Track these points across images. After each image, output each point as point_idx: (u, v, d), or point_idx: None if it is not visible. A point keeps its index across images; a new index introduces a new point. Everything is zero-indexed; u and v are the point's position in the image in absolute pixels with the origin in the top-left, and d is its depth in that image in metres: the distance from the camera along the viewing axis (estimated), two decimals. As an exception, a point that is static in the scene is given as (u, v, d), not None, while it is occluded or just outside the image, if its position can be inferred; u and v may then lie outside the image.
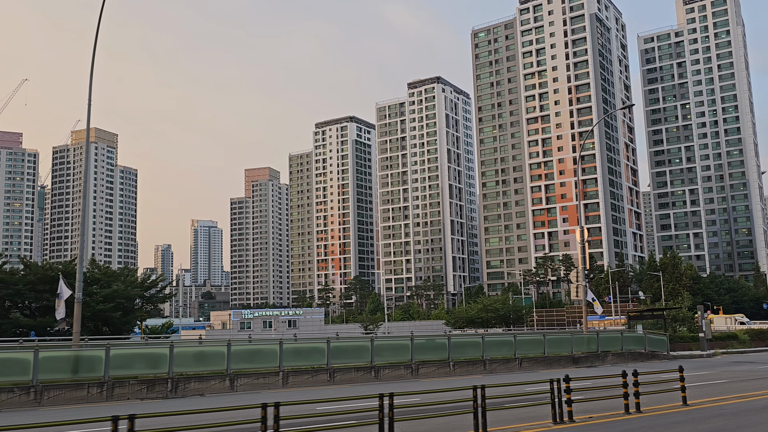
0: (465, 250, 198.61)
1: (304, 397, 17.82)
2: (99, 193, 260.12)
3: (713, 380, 22.89)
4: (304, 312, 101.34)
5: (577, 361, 31.60)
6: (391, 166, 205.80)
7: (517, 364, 28.92)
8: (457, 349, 26.55)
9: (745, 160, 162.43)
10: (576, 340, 32.19)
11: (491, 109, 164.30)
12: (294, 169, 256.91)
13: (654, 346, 36.11)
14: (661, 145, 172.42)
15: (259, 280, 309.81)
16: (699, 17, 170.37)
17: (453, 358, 26.69)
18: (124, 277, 49.86)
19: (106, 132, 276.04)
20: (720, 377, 24.06)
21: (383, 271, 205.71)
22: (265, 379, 23.98)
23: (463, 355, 27.10)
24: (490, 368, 27.77)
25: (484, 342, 27.73)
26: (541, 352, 30.25)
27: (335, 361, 24.45)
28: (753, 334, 52.32)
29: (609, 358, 33.31)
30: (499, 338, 30.09)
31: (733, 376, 24.21)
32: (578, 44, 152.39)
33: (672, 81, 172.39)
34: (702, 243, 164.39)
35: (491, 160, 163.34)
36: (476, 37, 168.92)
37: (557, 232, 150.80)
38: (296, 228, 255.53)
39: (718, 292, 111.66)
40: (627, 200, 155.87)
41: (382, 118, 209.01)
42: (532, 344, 29.93)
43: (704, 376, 24.62)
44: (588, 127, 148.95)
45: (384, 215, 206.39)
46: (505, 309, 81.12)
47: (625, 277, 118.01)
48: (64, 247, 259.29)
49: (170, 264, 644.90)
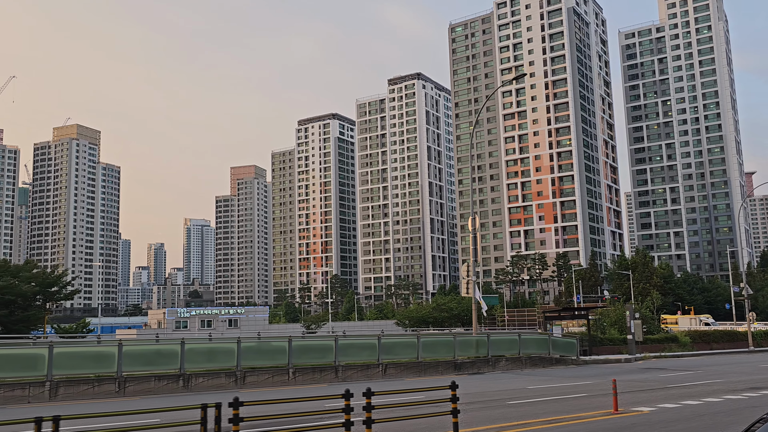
0: (446, 249, 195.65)
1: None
2: (80, 191, 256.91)
3: (558, 395, 19.79)
4: (246, 311, 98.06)
5: (459, 368, 28.47)
6: (371, 163, 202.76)
7: (380, 371, 25.81)
8: (299, 353, 23.55)
9: (726, 158, 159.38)
10: (462, 343, 29.06)
11: (468, 105, 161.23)
12: (276, 166, 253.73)
13: (561, 350, 33.01)
14: (642, 142, 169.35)
15: (244, 278, 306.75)
16: (680, 12, 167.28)
17: (294, 364, 23.60)
18: (22, 272, 46.62)
19: (88, 129, 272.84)
20: (576, 391, 20.95)
21: (362, 270, 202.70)
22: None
23: (311, 361, 24.04)
24: (344, 375, 24.69)
25: (337, 345, 24.62)
26: (414, 357, 27.12)
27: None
28: (697, 336, 49.25)
29: (502, 364, 30.17)
30: (360, 341, 26.93)
31: (601, 389, 21.10)
32: (555, 39, 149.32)
33: (653, 77, 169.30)
34: (683, 242, 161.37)
35: (468, 157, 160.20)
36: (453, 31, 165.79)
37: (533, 230, 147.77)
38: (278, 226, 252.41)
39: (690, 292, 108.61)
40: (606, 198, 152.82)
41: (363, 115, 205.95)
42: (403, 347, 26.82)
43: (555, 389, 21.49)
44: (565, 123, 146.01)
45: (364, 213, 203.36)
46: (460, 308, 77.90)
47: (596, 276, 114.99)
48: (44, 245, 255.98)
49: (163, 263, 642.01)
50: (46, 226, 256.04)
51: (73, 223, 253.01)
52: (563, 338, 33.52)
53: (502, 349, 30.58)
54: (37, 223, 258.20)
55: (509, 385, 22.27)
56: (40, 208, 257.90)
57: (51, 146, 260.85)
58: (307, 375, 23.76)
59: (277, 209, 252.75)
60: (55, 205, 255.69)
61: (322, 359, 24.65)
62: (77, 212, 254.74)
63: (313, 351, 25.33)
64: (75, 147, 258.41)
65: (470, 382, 23.83)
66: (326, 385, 23.06)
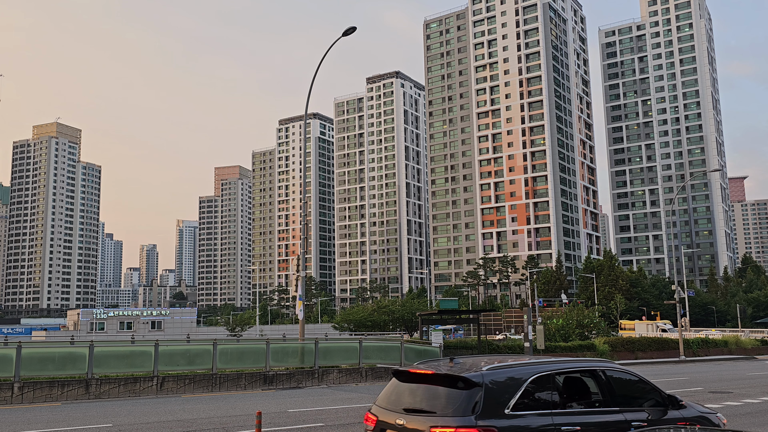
0: (423, 251, 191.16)
1: None
2: (59, 189, 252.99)
3: (308, 423, 15.44)
4: (172, 312, 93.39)
5: (271, 381, 24.04)
6: (349, 163, 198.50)
7: (154, 385, 21.39)
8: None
9: (707, 159, 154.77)
10: (278, 351, 24.62)
11: (442, 103, 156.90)
12: (257, 167, 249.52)
13: (417, 360, 28.58)
14: (621, 143, 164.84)
15: (227, 280, 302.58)
16: (662, 10, 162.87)
17: (22, 377, 19.28)
18: None
19: (68, 127, 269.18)
20: (344, 416, 16.56)
21: (338, 272, 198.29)
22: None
23: (43, 374, 19.75)
24: (99, 392, 20.28)
25: (92, 354, 20.23)
26: (208, 368, 22.70)
27: None
28: (619, 343, 44.67)
29: (332, 377, 25.72)
30: (125, 349, 22.49)
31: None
32: (530, 35, 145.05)
33: (633, 76, 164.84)
34: (662, 246, 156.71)
35: (441, 157, 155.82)
36: (428, 27, 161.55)
37: (506, 232, 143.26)
38: (258, 227, 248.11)
39: (658, 296, 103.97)
40: (582, 199, 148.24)
41: (341, 114, 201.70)
42: (193, 356, 22.43)
43: (325, 413, 17.11)
44: (539, 122, 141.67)
45: (341, 214, 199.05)
46: (402, 311, 73.43)
47: (562, 279, 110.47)
48: (23, 244, 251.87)
49: (155, 264, 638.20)
50: (24, 225, 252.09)
51: (51, 222, 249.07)
52: (419, 346, 29.07)
53: (336, 358, 26.19)
54: (15, 222, 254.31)
55: (269, 407, 17.88)
56: (19, 206, 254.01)
57: (30, 144, 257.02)
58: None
59: (257, 210, 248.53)
60: (34, 203, 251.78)
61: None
62: (55, 211, 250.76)
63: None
64: (54, 145, 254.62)
65: (231, 402, 19.41)
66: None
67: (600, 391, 7.57)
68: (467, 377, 6.78)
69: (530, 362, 7.40)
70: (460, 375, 6.82)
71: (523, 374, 7.04)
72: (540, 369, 7.21)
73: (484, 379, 6.76)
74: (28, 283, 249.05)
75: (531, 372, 7.12)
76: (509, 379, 6.94)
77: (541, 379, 7.09)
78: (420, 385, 7.12)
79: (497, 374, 6.94)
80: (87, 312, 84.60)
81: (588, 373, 7.69)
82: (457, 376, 6.84)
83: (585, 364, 7.82)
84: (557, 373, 7.32)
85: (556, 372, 7.32)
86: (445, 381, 6.94)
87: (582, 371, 7.69)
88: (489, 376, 6.83)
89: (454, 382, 6.85)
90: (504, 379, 6.92)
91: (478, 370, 6.91)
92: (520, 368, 7.17)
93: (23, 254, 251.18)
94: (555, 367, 7.34)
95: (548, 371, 7.24)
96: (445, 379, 6.95)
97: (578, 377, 7.69)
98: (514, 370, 7.11)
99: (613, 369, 7.81)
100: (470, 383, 6.73)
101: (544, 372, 7.20)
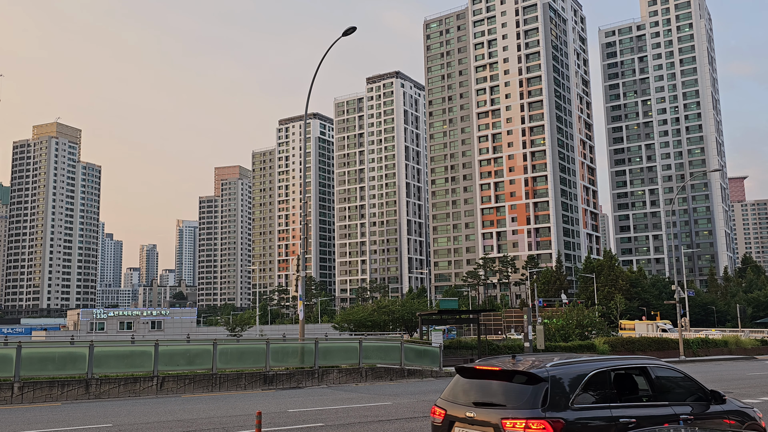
0: (423, 251, 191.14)
1: None
2: (59, 189, 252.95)
3: (306, 423, 15.42)
4: (172, 312, 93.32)
5: (271, 381, 24.06)
6: (349, 163, 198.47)
7: (154, 385, 21.40)
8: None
9: (707, 159, 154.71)
10: (278, 351, 24.61)
11: (442, 103, 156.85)
12: (257, 167, 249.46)
13: (420, 361, 28.56)
14: (621, 143, 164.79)
15: (227, 280, 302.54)
16: (662, 10, 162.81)
17: (22, 377, 19.26)
18: None
19: (68, 127, 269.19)
20: (346, 416, 16.54)
21: (338, 272, 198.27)
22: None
23: (43, 374, 19.74)
24: (99, 392, 20.29)
25: (92, 354, 20.23)
26: (208, 368, 22.70)
27: None
28: (619, 343, 44.61)
29: (332, 377, 25.73)
30: (125, 349, 22.52)
31: (385, 413, 16.76)
32: (530, 35, 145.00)
33: (633, 76, 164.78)
34: (662, 246, 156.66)
35: (441, 157, 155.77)
36: (428, 27, 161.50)
37: (506, 232, 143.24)
38: (258, 227, 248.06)
39: (658, 296, 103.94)
40: (582, 199, 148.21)
41: (341, 114, 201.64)
42: (192, 357, 22.43)
43: (325, 413, 17.12)
44: (539, 122, 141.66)
45: (341, 214, 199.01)
46: (402, 311, 73.41)
47: (562, 279, 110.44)
48: (23, 244, 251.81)
49: (155, 264, 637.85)
50: (24, 225, 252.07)
51: (51, 222, 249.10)
52: (419, 346, 29.03)
53: (336, 358, 26.17)
54: (15, 222, 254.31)
55: (269, 407, 17.89)
56: (19, 206, 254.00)
57: (30, 144, 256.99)
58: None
59: (257, 210, 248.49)
60: (34, 203, 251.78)
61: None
62: (55, 211, 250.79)
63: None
64: (54, 145, 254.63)
65: (231, 402, 19.42)
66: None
67: (649, 386, 8.04)
68: (534, 373, 7.25)
69: (588, 359, 7.87)
70: (528, 371, 7.31)
71: (584, 370, 7.51)
72: (597, 366, 7.68)
73: (549, 374, 7.23)
74: (28, 283, 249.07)
75: (590, 368, 7.58)
76: (571, 375, 7.39)
77: (598, 375, 7.57)
78: (487, 380, 7.61)
79: (560, 370, 7.40)
80: (87, 312, 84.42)
81: (638, 369, 8.16)
82: (525, 372, 7.33)
83: (635, 361, 8.32)
84: (612, 369, 7.82)
85: (611, 368, 7.81)
86: (513, 377, 7.41)
87: (633, 368, 8.17)
88: (553, 372, 7.30)
89: (522, 377, 7.32)
90: (567, 375, 7.38)
91: (543, 367, 7.39)
92: (580, 365, 7.64)
93: (23, 254, 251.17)
94: (610, 364, 7.84)
95: (605, 368, 7.72)
96: (512, 375, 7.42)
97: (628, 373, 8.18)
98: (575, 367, 7.56)
99: (660, 366, 8.29)
100: (537, 379, 7.19)
101: (602, 368, 7.68)
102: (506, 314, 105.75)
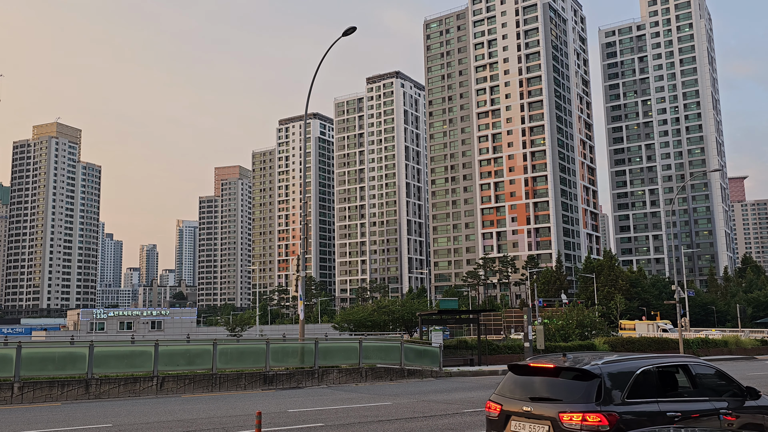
0: (423, 251, 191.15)
1: None
2: (59, 189, 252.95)
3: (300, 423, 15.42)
4: (172, 312, 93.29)
5: (271, 381, 24.05)
6: (349, 163, 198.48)
7: (154, 385, 21.40)
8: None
9: (707, 159, 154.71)
10: (278, 351, 24.61)
11: (442, 103, 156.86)
12: (257, 167, 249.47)
13: (420, 361, 28.55)
14: (621, 143, 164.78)
15: (227, 280, 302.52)
16: (662, 10, 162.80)
17: (22, 377, 19.25)
18: None
19: (68, 127, 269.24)
20: (336, 417, 16.53)
21: (338, 272, 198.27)
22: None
23: (43, 374, 19.75)
24: (99, 392, 20.29)
25: (92, 354, 20.23)
26: (208, 368, 22.70)
27: None
28: (619, 344, 44.60)
29: (332, 377, 25.73)
30: (125, 349, 22.53)
31: (380, 414, 16.74)
32: (530, 35, 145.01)
33: (633, 76, 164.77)
34: (662, 246, 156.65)
35: (441, 157, 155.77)
36: (428, 27, 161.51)
37: (506, 232, 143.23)
38: (258, 227, 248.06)
39: (658, 296, 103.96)
40: (582, 199, 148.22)
41: (341, 114, 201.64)
42: (193, 356, 22.43)
43: (324, 413, 17.11)
44: (539, 122, 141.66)
45: (341, 214, 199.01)
46: (402, 311, 73.34)
47: (562, 279, 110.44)
48: (23, 244, 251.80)
49: (155, 264, 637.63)
50: (24, 225, 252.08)
51: (51, 222, 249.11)
52: (419, 346, 29.03)
53: (336, 358, 26.17)
54: (16, 222, 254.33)
55: (269, 407, 17.89)
56: (19, 206, 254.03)
57: (30, 144, 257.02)
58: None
59: (257, 210, 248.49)
60: (34, 203, 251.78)
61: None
62: (55, 211, 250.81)
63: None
64: (54, 145, 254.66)
65: (231, 402, 19.42)
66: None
67: (690, 382, 8.47)
68: (589, 370, 7.69)
69: (635, 357, 8.34)
70: (583, 368, 7.74)
71: (632, 367, 7.97)
72: (644, 363, 8.14)
73: (602, 371, 7.67)
74: (28, 283, 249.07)
75: (638, 365, 8.04)
76: (622, 372, 7.84)
77: (646, 371, 8.01)
78: (540, 377, 8.06)
79: (612, 367, 7.85)
80: (87, 312, 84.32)
81: (680, 366, 8.60)
82: (579, 369, 7.76)
83: (678, 359, 8.78)
84: (657, 366, 8.26)
85: (656, 366, 8.25)
86: (567, 373, 7.87)
87: (675, 365, 8.60)
88: (606, 368, 7.75)
89: (576, 374, 7.78)
90: (617, 371, 7.82)
91: (595, 364, 7.82)
92: (629, 362, 8.09)
93: (23, 254, 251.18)
94: (655, 362, 8.31)
95: (651, 365, 8.17)
96: (567, 372, 7.88)
97: (670, 370, 8.56)
98: (625, 364, 8.01)
99: (700, 363, 8.71)
100: (590, 375, 7.63)
101: (648, 365, 8.13)
102: (506, 314, 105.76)
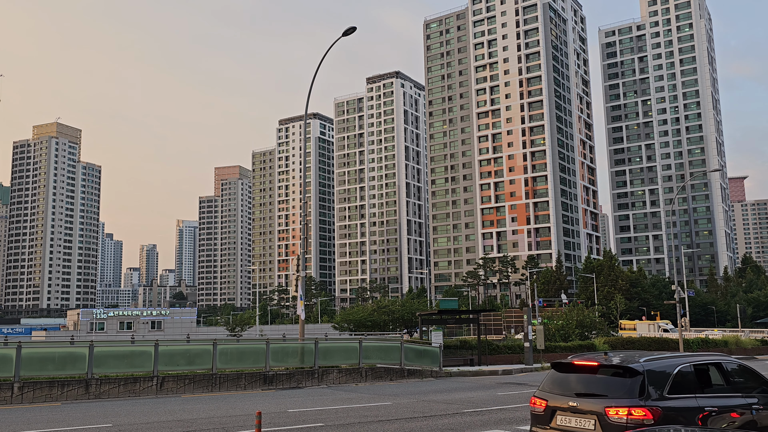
0: (423, 251, 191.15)
1: None
2: (59, 189, 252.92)
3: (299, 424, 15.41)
4: (172, 312, 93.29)
5: (271, 381, 24.06)
6: (349, 163, 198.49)
7: (154, 385, 21.40)
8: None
9: (707, 159, 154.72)
10: (278, 351, 24.62)
11: (442, 103, 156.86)
12: (257, 167, 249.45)
13: (420, 360, 28.55)
14: (621, 143, 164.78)
15: (227, 280, 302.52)
16: (662, 10, 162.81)
17: (22, 377, 19.25)
18: None
19: (68, 127, 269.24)
20: (335, 417, 16.52)
21: (338, 272, 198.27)
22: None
23: (43, 374, 19.76)
24: (99, 392, 20.29)
25: (92, 354, 20.23)
26: (208, 368, 22.70)
27: None
28: (619, 343, 44.63)
29: (332, 376, 25.74)
30: (125, 349, 22.54)
31: (373, 415, 16.74)
32: (530, 35, 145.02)
33: (633, 76, 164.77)
34: (662, 246, 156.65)
35: (441, 157, 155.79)
36: (428, 27, 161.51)
37: (506, 232, 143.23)
38: (258, 227, 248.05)
39: (658, 296, 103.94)
40: (582, 199, 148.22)
41: (341, 114, 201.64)
42: (192, 356, 22.42)
43: (325, 413, 17.08)
44: (539, 122, 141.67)
45: (341, 214, 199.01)
46: (402, 311, 73.42)
47: (561, 279, 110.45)
48: (23, 244, 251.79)
49: (155, 264, 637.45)
50: (24, 225, 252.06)
51: (51, 222, 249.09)
52: (419, 346, 29.03)
53: (336, 358, 26.18)
54: (16, 222, 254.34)
55: (269, 407, 17.89)
56: (19, 206, 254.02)
57: (30, 144, 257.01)
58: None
59: (257, 210, 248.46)
60: (34, 203, 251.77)
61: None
62: (55, 211, 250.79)
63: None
64: (54, 145, 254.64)
65: (231, 402, 19.42)
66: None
67: (723, 379, 8.90)
68: (632, 367, 8.16)
69: (673, 355, 8.82)
70: (626, 366, 8.20)
71: (672, 365, 8.44)
72: (682, 361, 8.58)
73: (644, 368, 8.15)
74: (28, 283, 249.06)
75: (677, 363, 8.49)
76: (662, 369, 8.29)
77: (684, 369, 8.44)
78: (584, 374, 8.50)
79: (653, 365, 8.31)
80: (87, 312, 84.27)
81: (713, 364, 9.00)
82: (622, 366, 8.23)
83: (712, 357, 9.17)
84: (693, 364, 8.67)
85: (693, 363, 8.67)
86: (611, 371, 8.31)
87: (710, 363, 8.99)
88: (647, 366, 8.22)
89: (619, 371, 8.23)
90: (658, 368, 8.28)
91: (637, 362, 8.29)
92: (668, 360, 8.57)
93: (23, 254, 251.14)
94: (692, 360, 8.73)
95: (689, 362, 8.60)
96: (610, 369, 8.32)
97: (705, 368, 8.95)
98: (664, 362, 8.47)
99: (732, 361, 9.18)
100: (633, 372, 8.11)
101: (686, 363, 8.56)
102: (506, 314, 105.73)
